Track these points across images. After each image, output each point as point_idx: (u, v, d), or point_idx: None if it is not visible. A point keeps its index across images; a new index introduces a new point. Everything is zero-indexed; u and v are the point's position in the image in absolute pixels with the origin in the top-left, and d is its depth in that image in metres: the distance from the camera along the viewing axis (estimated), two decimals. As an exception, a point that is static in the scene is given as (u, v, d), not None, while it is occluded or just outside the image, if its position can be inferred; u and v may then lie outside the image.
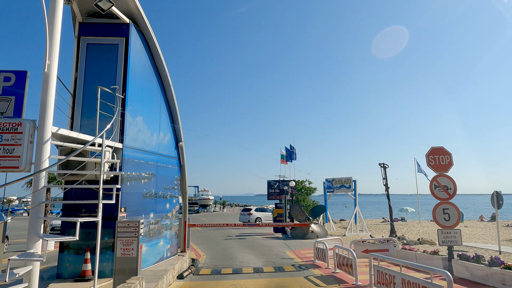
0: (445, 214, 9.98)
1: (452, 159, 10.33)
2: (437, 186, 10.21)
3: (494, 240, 17.44)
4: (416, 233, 22.35)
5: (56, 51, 5.73)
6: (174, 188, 10.97)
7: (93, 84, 8.00)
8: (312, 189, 33.23)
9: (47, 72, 5.59)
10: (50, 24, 5.69)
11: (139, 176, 8.81)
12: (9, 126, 5.39)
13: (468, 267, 8.67)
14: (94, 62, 8.48)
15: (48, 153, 5.46)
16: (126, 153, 8.24)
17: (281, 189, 26.78)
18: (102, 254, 7.51)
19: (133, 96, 8.71)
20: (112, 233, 7.66)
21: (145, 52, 9.58)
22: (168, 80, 10.44)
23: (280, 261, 11.85)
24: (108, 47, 8.64)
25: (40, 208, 5.32)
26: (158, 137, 10.08)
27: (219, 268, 10.56)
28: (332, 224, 25.88)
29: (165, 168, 10.35)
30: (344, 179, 23.93)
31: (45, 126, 5.47)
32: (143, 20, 9.07)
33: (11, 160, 5.29)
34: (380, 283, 7.35)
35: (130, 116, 8.56)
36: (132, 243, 6.81)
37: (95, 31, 8.65)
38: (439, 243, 9.93)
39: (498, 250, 13.13)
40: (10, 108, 5.68)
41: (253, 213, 29.52)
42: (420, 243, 15.87)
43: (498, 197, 13.38)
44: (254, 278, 9.19)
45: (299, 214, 20.16)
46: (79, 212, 7.81)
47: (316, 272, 9.96)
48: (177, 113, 11.09)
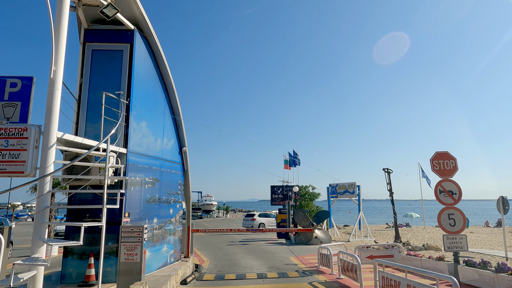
0: (450, 219, 9.89)
1: (457, 164, 10.26)
2: (442, 191, 10.13)
3: (501, 246, 17.23)
4: (421, 238, 22.16)
5: (61, 57, 5.80)
6: (177, 193, 10.97)
7: (98, 89, 8.06)
8: (315, 194, 33.08)
9: (53, 77, 5.65)
10: (56, 30, 5.77)
11: (143, 181, 8.83)
12: (15, 131, 5.45)
13: (475, 273, 8.56)
14: (99, 68, 8.56)
15: (53, 158, 5.50)
16: (130, 158, 8.27)
17: (285, 195, 26.71)
18: (106, 259, 7.50)
19: (138, 102, 8.76)
20: (116, 238, 7.65)
21: (150, 58, 9.66)
22: (172, 85, 10.50)
23: (284, 267, 11.77)
24: (113, 53, 8.72)
25: (44, 213, 5.34)
26: (162, 142, 10.11)
27: (223, 274, 10.51)
28: (336, 230, 25.73)
29: (169, 173, 10.37)
30: (348, 184, 23.84)
31: (51, 131, 5.51)
32: (148, 26, 9.17)
33: (17, 165, 5.34)
34: (385, 289, 7.27)
35: (134, 122, 8.60)
36: (136, 248, 6.81)
37: (100, 37, 8.74)
38: (445, 249, 9.83)
39: (505, 256, 12.96)
40: (16, 113, 5.74)
41: (256, 218, 29.41)
42: (425, 249, 15.71)
43: (504, 202, 13.25)
44: (258, 284, 9.13)
45: (303, 220, 20.06)
46: (83, 217, 7.83)
47: (320, 278, 9.88)
48: (180, 118, 11.14)
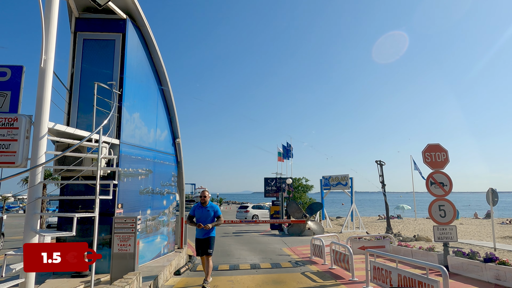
0: (441, 210, 10.06)
1: (448, 156, 10.40)
2: (433, 183, 10.28)
3: (489, 237, 17.61)
4: (412, 230, 22.52)
5: (52, 46, 5.68)
6: (171, 184, 10.96)
7: (90, 79, 7.95)
8: (308, 186, 33.33)
9: (43, 67, 5.55)
10: (46, 19, 5.64)
11: (136, 173, 8.79)
12: (5, 121, 5.35)
13: (464, 263, 8.75)
14: (90, 57, 8.42)
15: (44, 148, 5.44)
16: (123, 149, 8.22)
17: (278, 187, 26.84)
18: (99, 250, 7.49)
19: (130, 92, 8.67)
20: (109, 229, 7.64)
21: (142, 48, 9.53)
22: (165, 76, 10.40)
23: (277, 258, 11.89)
24: (105, 42, 8.59)
25: (36, 203, 5.29)
26: (155, 134, 10.06)
27: (216, 265, 10.58)
28: (328, 221, 26.01)
29: (162, 164, 10.34)
30: (341, 177, 24.05)
31: (42, 121, 5.43)
32: (140, 16, 9.03)
33: (7, 156, 5.26)
34: (377, 279, 7.40)
35: (127, 112, 8.53)
36: (129, 239, 6.81)
37: (91, 26, 8.59)
38: (435, 240, 10.01)
39: (493, 247, 13.25)
40: (6, 103, 5.64)
41: (250, 210, 29.55)
42: (416, 240, 15.98)
43: (493, 194, 13.50)
44: (251, 274, 9.22)
45: (296, 211, 20.23)
46: (76, 208, 7.78)
47: (313, 268, 10.01)
48: (174, 109, 11.07)
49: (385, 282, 7.06)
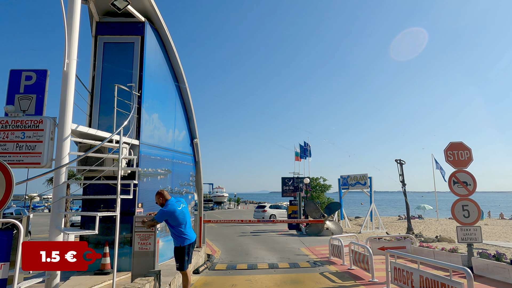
0: (464, 210, 9.75)
1: (471, 155, 10.07)
2: (456, 182, 9.98)
3: (516, 238, 16.95)
4: (434, 230, 21.94)
5: (74, 50, 5.85)
6: (189, 184, 11.09)
7: (110, 82, 8.15)
8: (326, 186, 33.04)
9: (66, 70, 5.73)
10: (68, 24, 5.82)
11: (155, 172, 8.94)
12: (31, 123, 5.56)
13: (489, 265, 8.45)
14: (110, 60, 8.63)
15: (68, 149, 5.61)
16: (143, 150, 8.38)
17: (296, 186, 26.72)
18: (120, 248, 7.67)
19: (149, 94, 8.83)
20: (129, 228, 7.80)
21: (160, 50, 9.69)
22: (182, 77, 10.53)
23: (295, 257, 11.84)
24: (124, 45, 8.78)
25: (61, 203, 5.47)
26: (174, 134, 10.20)
27: (234, 264, 10.64)
28: (347, 221, 25.67)
29: (181, 164, 10.47)
30: (360, 176, 23.69)
31: (65, 123, 5.60)
32: (158, 18, 9.18)
33: (33, 157, 5.46)
34: (397, 280, 7.25)
35: (146, 113, 8.68)
36: (149, 238, 6.92)
37: (111, 30, 8.80)
38: (458, 241, 9.72)
39: (520, 248, 12.75)
40: (32, 106, 5.85)
41: (267, 210, 29.54)
42: (438, 241, 15.56)
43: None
44: (270, 274, 9.21)
45: (314, 211, 20.07)
46: (98, 207, 8.00)
47: (332, 268, 9.91)
48: (191, 110, 11.19)
49: (406, 283, 6.90)
